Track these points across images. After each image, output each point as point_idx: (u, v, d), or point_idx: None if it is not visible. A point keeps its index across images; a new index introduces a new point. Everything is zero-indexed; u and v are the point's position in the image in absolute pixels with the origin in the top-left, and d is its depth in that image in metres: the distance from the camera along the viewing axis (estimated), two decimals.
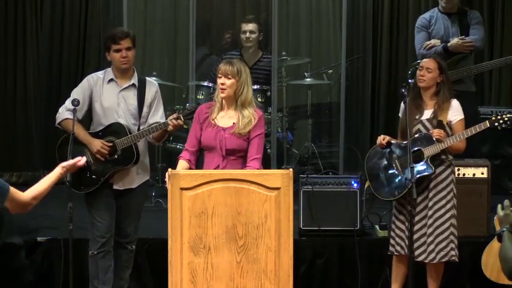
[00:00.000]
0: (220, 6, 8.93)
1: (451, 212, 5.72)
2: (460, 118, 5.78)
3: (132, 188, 5.69)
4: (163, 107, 5.79)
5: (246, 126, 5.28)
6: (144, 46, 8.72)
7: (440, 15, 7.28)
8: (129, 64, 5.64)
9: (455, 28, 7.23)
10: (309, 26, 8.95)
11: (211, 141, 5.30)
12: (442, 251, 5.68)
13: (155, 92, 5.72)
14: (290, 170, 4.61)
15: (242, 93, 5.30)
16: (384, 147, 5.84)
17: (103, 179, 5.59)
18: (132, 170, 5.66)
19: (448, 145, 5.67)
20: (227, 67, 5.28)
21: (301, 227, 6.48)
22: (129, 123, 5.62)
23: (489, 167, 6.54)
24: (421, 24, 7.32)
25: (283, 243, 4.50)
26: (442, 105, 5.75)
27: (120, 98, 5.65)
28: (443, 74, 5.81)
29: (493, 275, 5.83)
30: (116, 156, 5.58)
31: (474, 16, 7.32)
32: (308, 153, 8.12)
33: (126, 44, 5.59)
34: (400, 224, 5.77)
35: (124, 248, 5.77)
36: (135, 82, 5.69)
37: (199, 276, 4.50)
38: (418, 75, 5.81)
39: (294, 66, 8.46)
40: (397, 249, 5.79)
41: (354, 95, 8.62)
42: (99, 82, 5.67)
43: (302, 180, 6.57)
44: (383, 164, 5.85)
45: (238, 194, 4.52)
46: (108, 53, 5.65)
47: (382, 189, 5.85)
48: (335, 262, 6.47)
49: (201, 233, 4.50)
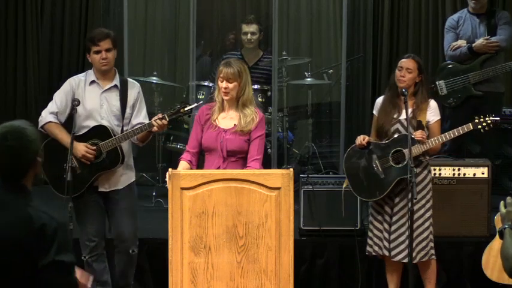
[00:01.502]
0: (220, 6, 8.93)
1: (430, 211, 5.73)
2: (438, 119, 5.79)
3: (118, 189, 5.63)
4: (146, 107, 5.74)
5: (248, 124, 5.27)
6: (145, 46, 8.72)
7: (469, 16, 7.29)
8: (110, 66, 5.58)
9: (483, 28, 7.23)
10: (309, 26, 8.95)
11: (212, 142, 5.30)
12: (423, 251, 5.68)
13: (137, 92, 5.67)
14: (290, 170, 4.61)
15: (244, 93, 5.31)
16: (363, 147, 5.84)
17: (89, 183, 5.54)
18: (117, 171, 5.60)
19: (430, 146, 5.67)
20: (229, 71, 5.26)
21: (302, 227, 6.48)
22: (112, 125, 5.57)
23: (490, 166, 6.54)
24: (449, 25, 7.34)
25: (283, 243, 4.51)
26: (420, 105, 5.74)
27: (103, 100, 5.60)
28: (422, 74, 5.81)
29: (494, 275, 5.82)
30: (101, 159, 5.53)
31: (503, 16, 7.32)
32: (308, 153, 8.11)
33: (106, 45, 5.52)
34: (377, 224, 5.77)
35: (124, 253, 5.70)
36: (117, 83, 5.63)
37: (199, 276, 4.50)
38: (398, 76, 5.77)
39: (295, 66, 8.45)
40: (375, 250, 5.79)
41: (355, 95, 8.62)
42: (81, 84, 5.62)
43: (302, 180, 6.57)
44: (362, 164, 5.83)
45: (238, 193, 4.52)
46: (89, 55, 5.60)
47: (362, 189, 5.84)
48: (335, 262, 6.47)
49: (201, 233, 4.50)
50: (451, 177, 6.49)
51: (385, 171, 5.70)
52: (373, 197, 5.77)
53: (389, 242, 5.71)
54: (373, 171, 5.77)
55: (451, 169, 6.49)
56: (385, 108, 5.79)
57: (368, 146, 5.80)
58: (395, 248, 5.69)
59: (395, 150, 5.70)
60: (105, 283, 5.69)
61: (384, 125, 5.76)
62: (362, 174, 5.83)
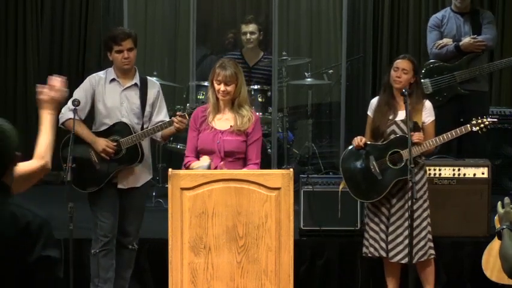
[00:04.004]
0: (220, 6, 8.93)
1: (427, 211, 5.74)
2: (432, 119, 5.79)
3: (136, 186, 5.70)
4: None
5: (244, 124, 5.28)
6: (145, 46, 8.71)
7: (453, 15, 7.28)
8: (131, 65, 5.65)
9: (468, 27, 7.22)
10: (309, 26, 8.96)
11: (208, 144, 5.30)
12: (421, 251, 5.69)
13: (157, 91, 5.74)
14: (290, 170, 4.61)
15: (240, 94, 5.33)
16: (360, 149, 5.83)
17: (108, 178, 5.61)
18: (137, 169, 5.67)
19: (427, 148, 5.67)
20: (226, 73, 5.27)
21: (302, 227, 6.48)
22: (132, 123, 5.63)
23: (490, 167, 6.54)
24: (433, 24, 7.32)
25: (283, 243, 4.51)
26: (416, 106, 5.73)
27: (123, 98, 5.66)
28: (417, 75, 5.81)
29: (494, 275, 5.82)
30: (120, 155, 5.59)
31: (486, 16, 7.32)
32: (308, 153, 8.11)
33: (128, 44, 5.59)
34: (374, 226, 5.77)
35: (125, 248, 5.77)
36: (137, 82, 5.70)
37: (199, 276, 4.50)
38: (394, 76, 5.76)
39: (295, 66, 8.45)
40: (371, 251, 5.79)
41: (355, 95, 8.62)
42: (101, 82, 5.68)
43: (302, 180, 6.57)
44: (360, 166, 5.83)
45: (238, 194, 4.52)
46: (110, 54, 5.65)
47: (359, 190, 5.84)
48: (335, 262, 6.47)
49: (201, 233, 4.50)
50: (451, 177, 6.49)
51: (383, 173, 5.71)
52: (370, 199, 5.77)
53: (386, 243, 5.71)
54: (370, 173, 5.77)
55: (451, 169, 6.49)
56: (380, 109, 5.78)
57: (365, 146, 5.80)
58: (393, 249, 5.69)
59: (392, 151, 5.70)
60: (108, 280, 5.70)
61: (380, 127, 5.75)
62: (359, 176, 5.83)
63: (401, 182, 5.67)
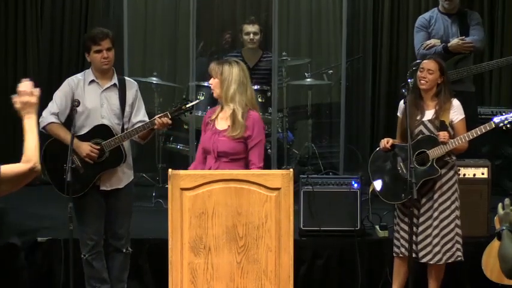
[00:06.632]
0: (220, 6, 8.93)
1: (456, 212, 5.75)
2: (462, 117, 5.79)
3: (119, 187, 5.67)
4: (145, 107, 5.78)
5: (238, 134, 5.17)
6: (144, 46, 8.71)
7: (440, 16, 7.28)
8: (110, 64, 5.63)
9: (455, 28, 7.24)
10: (309, 26, 8.95)
11: (207, 143, 5.29)
12: (448, 252, 5.71)
13: (136, 90, 5.72)
14: (290, 170, 4.60)
15: (225, 89, 5.20)
16: (387, 150, 5.84)
17: (92, 182, 5.57)
18: (119, 170, 5.64)
19: (453, 147, 5.68)
20: (211, 66, 5.25)
21: (302, 227, 6.48)
22: (113, 124, 5.60)
23: (489, 167, 6.54)
24: (420, 24, 7.32)
25: (283, 244, 4.50)
26: (443, 105, 5.75)
27: (103, 99, 5.63)
28: (444, 75, 5.81)
29: (494, 275, 5.83)
30: (104, 158, 5.55)
31: (474, 17, 7.33)
32: (308, 154, 8.12)
33: (107, 44, 5.57)
34: (404, 226, 5.77)
35: (119, 251, 5.75)
36: (116, 82, 5.67)
37: (199, 277, 4.49)
38: (419, 77, 5.80)
39: (294, 66, 8.45)
40: (402, 251, 5.79)
41: (354, 95, 8.61)
42: (80, 84, 5.65)
43: (302, 181, 6.57)
44: (387, 167, 5.85)
45: (238, 194, 4.51)
46: (88, 54, 5.64)
47: (387, 192, 5.85)
48: (335, 262, 6.47)
49: (201, 233, 4.49)
50: None
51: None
52: (399, 200, 5.77)
53: (416, 243, 5.71)
54: (398, 174, 5.77)
55: None
56: (409, 109, 5.76)
57: (392, 148, 5.81)
58: (423, 249, 5.70)
59: (419, 151, 5.71)
60: (104, 281, 5.71)
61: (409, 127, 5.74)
62: (387, 177, 5.84)
63: (430, 182, 5.67)
